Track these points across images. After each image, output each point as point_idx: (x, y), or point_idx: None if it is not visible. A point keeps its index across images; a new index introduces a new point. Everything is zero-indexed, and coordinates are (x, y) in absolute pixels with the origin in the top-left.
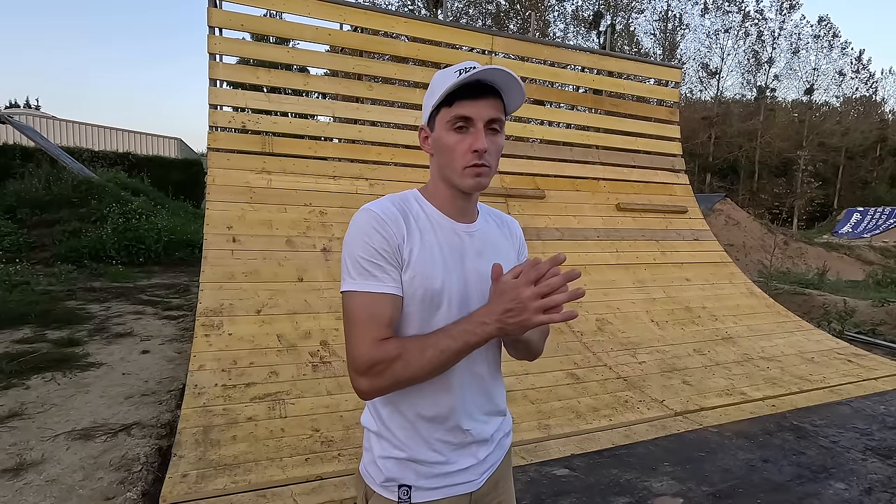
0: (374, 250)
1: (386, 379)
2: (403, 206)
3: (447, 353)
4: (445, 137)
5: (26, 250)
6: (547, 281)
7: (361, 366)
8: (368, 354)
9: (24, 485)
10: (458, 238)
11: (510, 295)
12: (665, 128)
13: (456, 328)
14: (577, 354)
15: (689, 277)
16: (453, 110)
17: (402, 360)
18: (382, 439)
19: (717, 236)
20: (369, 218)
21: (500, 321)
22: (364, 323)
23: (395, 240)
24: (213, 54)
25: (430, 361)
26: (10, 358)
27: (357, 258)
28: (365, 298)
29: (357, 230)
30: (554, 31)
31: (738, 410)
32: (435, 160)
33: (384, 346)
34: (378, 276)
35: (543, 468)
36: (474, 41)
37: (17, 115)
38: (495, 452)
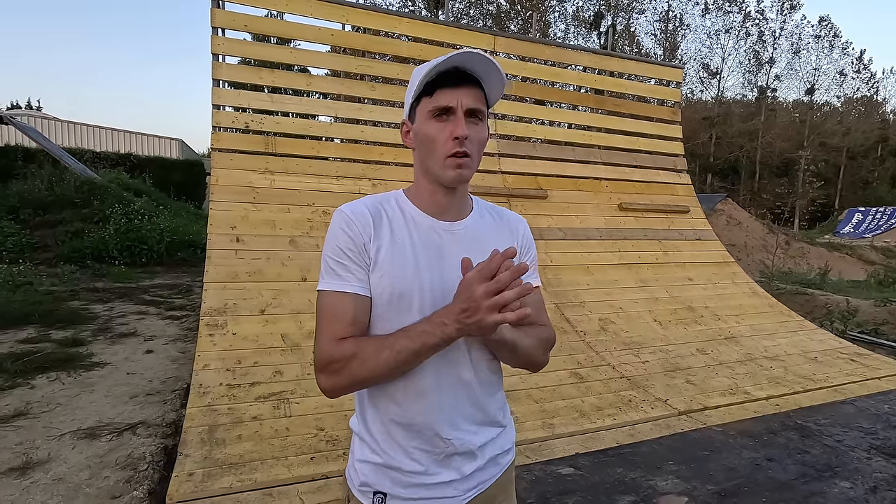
0: (339, 250)
1: (343, 378)
2: (379, 205)
3: (404, 353)
4: (426, 127)
5: (29, 251)
6: (497, 277)
7: (320, 363)
8: (326, 352)
9: (30, 483)
10: (438, 236)
11: (465, 293)
12: (667, 128)
13: (415, 328)
14: (580, 354)
15: (691, 277)
16: (433, 100)
17: (358, 360)
18: (363, 443)
19: (719, 236)
20: (339, 218)
21: (458, 321)
22: (327, 321)
23: (360, 239)
24: (217, 55)
25: (387, 362)
26: (14, 358)
27: (326, 257)
28: (330, 297)
29: (329, 231)
30: (555, 32)
31: (742, 410)
32: (417, 154)
33: (341, 345)
34: (342, 276)
35: (548, 467)
36: (476, 41)
37: (19, 116)
38: (486, 469)
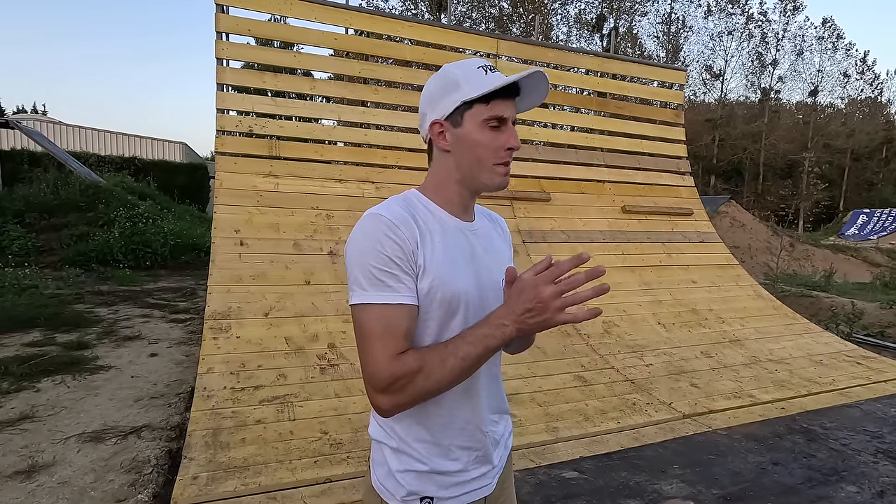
0: (387, 258)
1: (408, 394)
2: (411, 207)
3: (468, 360)
4: (477, 134)
5: (35, 254)
6: (570, 279)
7: (381, 383)
8: (388, 370)
9: (36, 487)
10: (465, 237)
11: (529, 294)
12: (670, 130)
13: (474, 333)
14: (584, 357)
15: (695, 280)
16: (491, 109)
17: (424, 373)
18: (400, 453)
19: (723, 239)
20: (379, 223)
21: (519, 321)
22: (380, 337)
23: (408, 245)
24: (221, 59)
25: (452, 370)
26: (20, 361)
27: (369, 267)
28: (380, 311)
29: (366, 237)
30: (557, 35)
31: (747, 413)
32: (451, 157)
33: (403, 360)
34: (393, 286)
35: (552, 470)
36: (479, 45)
37: (25, 121)
38: (504, 452)
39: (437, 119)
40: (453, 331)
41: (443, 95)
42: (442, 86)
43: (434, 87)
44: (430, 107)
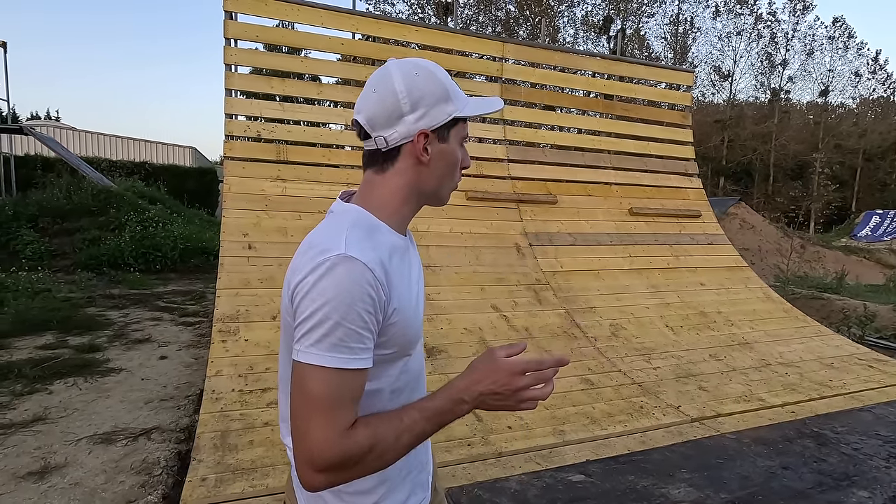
0: (359, 317)
1: (353, 473)
2: (377, 243)
3: (422, 436)
4: (457, 152)
5: (48, 258)
6: (542, 372)
7: (325, 462)
8: (338, 449)
9: (48, 488)
10: (410, 253)
11: (502, 379)
12: (677, 132)
13: (431, 408)
14: (591, 360)
15: (703, 282)
16: (466, 128)
17: (376, 452)
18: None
19: (732, 240)
20: (359, 272)
21: (478, 401)
22: (330, 408)
23: (382, 297)
24: (229, 65)
25: (405, 448)
26: (33, 363)
27: (336, 325)
28: (333, 376)
29: (340, 288)
30: (564, 37)
31: (757, 417)
32: (424, 171)
33: (354, 437)
34: (353, 348)
35: (559, 474)
36: (485, 48)
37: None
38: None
39: (425, 129)
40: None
41: (436, 103)
42: (435, 91)
43: (424, 89)
44: (415, 111)
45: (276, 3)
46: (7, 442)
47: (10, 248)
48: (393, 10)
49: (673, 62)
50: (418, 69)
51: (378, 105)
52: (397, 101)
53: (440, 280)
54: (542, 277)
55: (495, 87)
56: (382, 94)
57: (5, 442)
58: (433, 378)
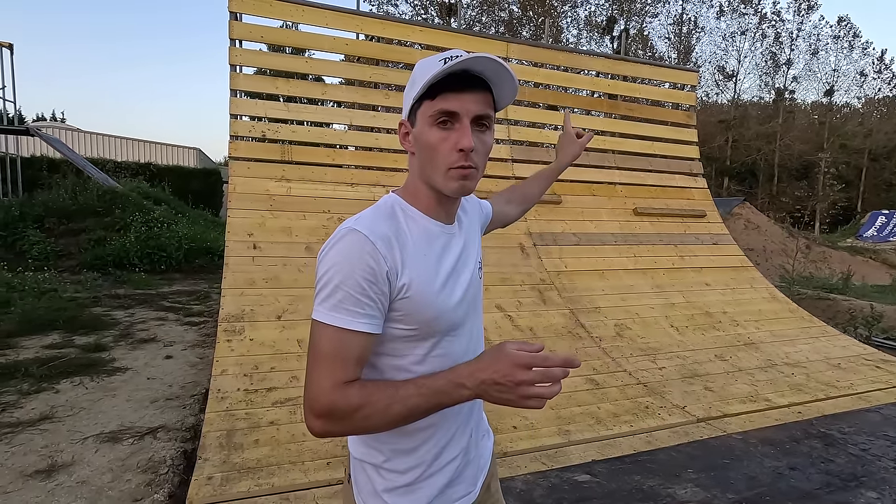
0: (357, 282)
1: (343, 427)
2: (394, 220)
3: (415, 411)
4: (427, 134)
5: (54, 258)
6: (549, 371)
7: (318, 408)
8: (328, 398)
9: (55, 486)
10: (447, 242)
11: (505, 369)
12: (682, 131)
13: (430, 385)
14: (596, 360)
15: (708, 282)
16: (436, 104)
17: (364, 412)
18: (387, 471)
19: (737, 241)
20: (360, 243)
21: (480, 390)
22: (328, 360)
23: (384, 267)
24: (234, 66)
25: (394, 417)
26: (40, 363)
27: (338, 287)
28: (336, 334)
29: (342, 255)
30: (567, 37)
31: (763, 417)
32: (416, 159)
33: (346, 393)
34: (355, 312)
35: (564, 474)
36: (489, 48)
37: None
38: (484, 454)
39: (402, 119)
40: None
41: (407, 93)
42: (409, 82)
43: (407, 84)
44: (403, 106)
45: (280, 3)
46: (14, 440)
47: (16, 249)
48: (396, 10)
49: (677, 62)
50: None
51: None
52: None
53: None
54: (547, 277)
55: None
56: None
57: (13, 440)
58: None
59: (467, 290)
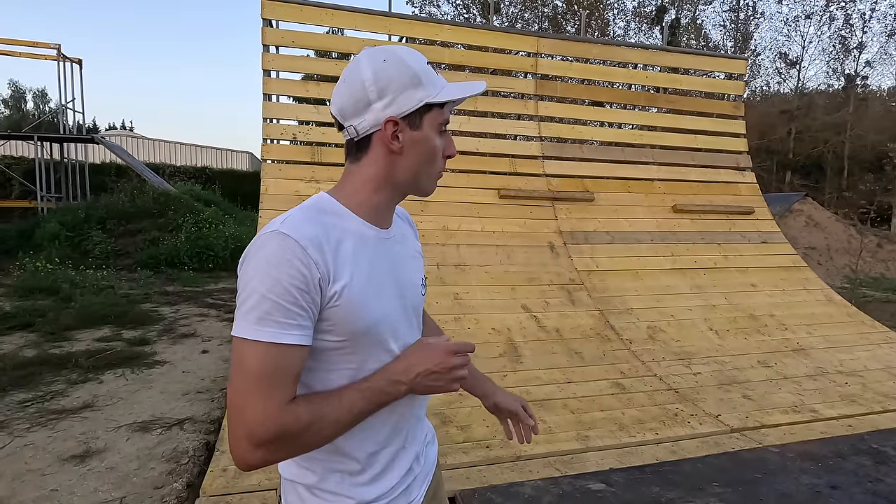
0: (286, 291)
1: (289, 449)
2: (323, 223)
3: (360, 415)
4: (434, 140)
5: (113, 257)
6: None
7: (264, 436)
8: (276, 422)
9: (87, 470)
10: (385, 248)
11: (437, 357)
12: (729, 123)
13: (369, 387)
14: (624, 363)
15: (755, 283)
16: (445, 113)
17: (314, 429)
18: (321, 490)
19: (796, 239)
20: (285, 248)
21: (415, 382)
22: (266, 381)
23: (315, 274)
24: (268, 70)
25: (344, 427)
26: (89, 355)
27: (261, 296)
28: (267, 349)
29: (267, 262)
30: (614, 30)
31: (807, 429)
32: (398, 160)
33: (295, 412)
34: (282, 323)
35: (578, 481)
36: (519, 44)
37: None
38: (427, 461)
39: (393, 116)
40: (373, 360)
41: (403, 89)
42: (402, 77)
43: (391, 74)
44: (381, 98)
45: (310, 8)
46: (57, 426)
47: (81, 248)
48: (438, 11)
49: (733, 51)
50: (387, 55)
51: (347, 94)
52: (364, 89)
53: (469, 279)
54: (577, 277)
55: (529, 83)
56: (350, 82)
57: (56, 426)
58: None
59: (404, 301)
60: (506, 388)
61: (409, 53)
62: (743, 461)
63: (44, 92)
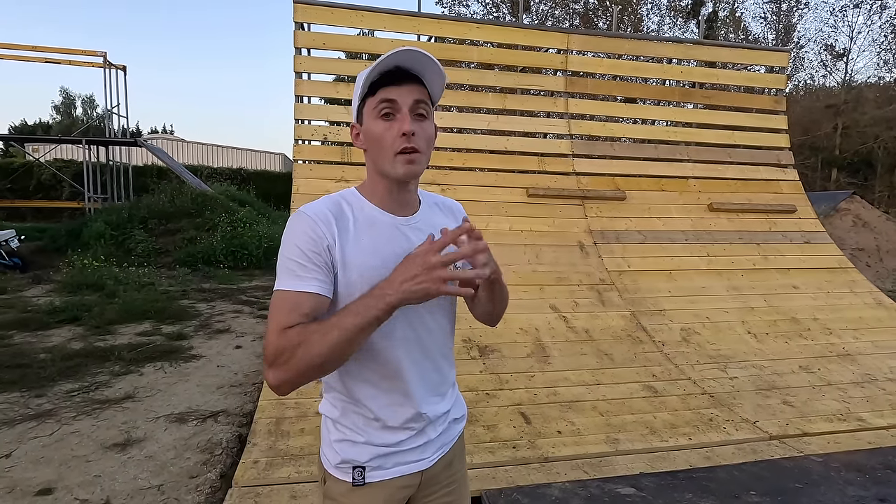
0: (300, 251)
1: (290, 368)
2: (338, 206)
3: (352, 330)
4: (374, 126)
5: (154, 255)
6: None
7: (268, 357)
8: (273, 343)
9: (127, 458)
10: (399, 232)
11: (418, 260)
12: (769, 118)
13: (359, 304)
14: (656, 366)
15: (796, 285)
16: (377, 96)
17: (305, 346)
18: (341, 425)
19: (843, 240)
20: (300, 220)
21: (402, 289)
22: (276, 315)
23: (324, 240)
24: (299, 73)
25: (334, 342)
26: (131, 348)
27: (284, 258)
28: (286, 296)
29: (288, 232)
30: (647, 25)
31: (853, 439)
32: (369, 154)
33: (287, 335)
34: (300, 276)
35: (606, 485)
36: (548, 41)
37: (156, 140)
38: (447, 433)
39: (352, 122)
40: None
41: (355, 98)
42: (354, 89)
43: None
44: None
45: (341, 11)
46: (101, 416)
47: (125, 247)
48: (468, 10)
49: (774, 44)
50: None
51: None
52: None
53: None
54: (607, 277)
55: (559, 80)
56: None
57: (100, 416)
58: (485, 377)
59: None
60: (533, 389)
61: (378, 61)
62: (783, 470)
63: (91, 98)
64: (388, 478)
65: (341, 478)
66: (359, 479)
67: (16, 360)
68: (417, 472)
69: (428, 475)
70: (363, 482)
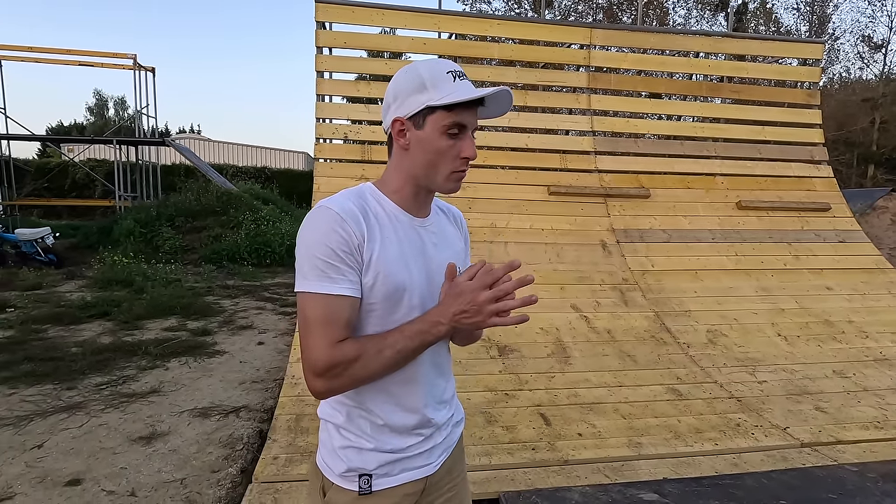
0: (331, 250)
1: (343, 380)
2: (361, 202)
3: (403, 353)
4: (437, 141)
5: (181, 253)
6: (501, 286)
7: (319, 368)
8: (326, 357)
9: (152, 451)
10: (417, 233)
11: (467, 298)
12: (802, 113)
13: (411, 328)
14: (681, 368)
15: (830, 286)
16: (453, 116)
17: (360, 362)
18: (346, 430)
19: (880, 239)
20: (327, 217)
21: (454, 321)
22: (321, 324)
23: (354, 240)
24: (321, 72)
25: (387, 361)
26: (157, 343)
27: (313, 258)
28: (322, 300)
29: (314, 229)
30: (674, 18)
31: (891, 448)
32: (408, 156)
33: (342, 348)
34: (334, 278)
35: (628, 490)
36: (571, 36)
37: (183, 139)
38: (449, 437)
39: (399, 116)
40: (399, 321)
41: (409, 94)
42: (409, 84)
43: (401, 83)
44: (394, 102)
45: (362, 10)
46: (128, 409)
47: (153, 244)
48: (489, 7)
49: (808, 35)
50: (408, 68)
51: (383, 102)
52: (387, 97)
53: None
54: (630, 277)
55: (582, 76)
56: (385, 94)
57: (126, 409)
58: (504, 377)
59: (431, 282)
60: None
61: (429, 65)
62: (815, 479)
63: (123, 99)
64: (394, 485)
65: (346, 487)
66: (365, 488)
67: (49, 354)
68: (422, 478)
69: (431, 481)
70: (370, 490)
